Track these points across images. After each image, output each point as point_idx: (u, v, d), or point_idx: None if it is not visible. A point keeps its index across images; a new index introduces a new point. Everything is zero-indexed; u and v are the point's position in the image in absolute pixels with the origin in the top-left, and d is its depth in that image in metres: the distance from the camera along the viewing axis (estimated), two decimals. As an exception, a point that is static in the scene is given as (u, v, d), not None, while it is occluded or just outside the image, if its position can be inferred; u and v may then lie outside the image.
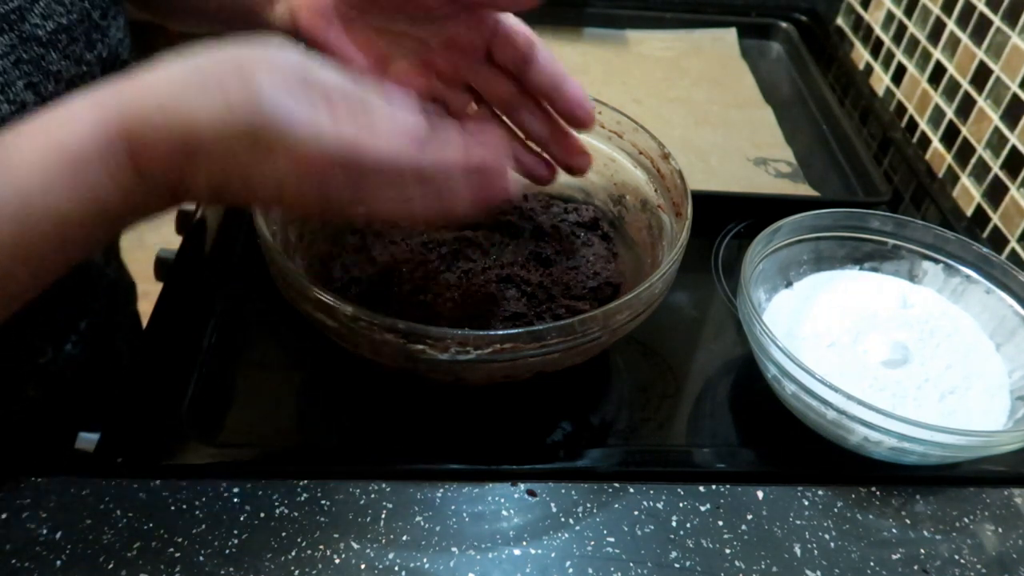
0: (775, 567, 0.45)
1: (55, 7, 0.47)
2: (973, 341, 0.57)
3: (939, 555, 0.47)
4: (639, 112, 0.62)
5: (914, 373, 0.54)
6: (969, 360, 0.55)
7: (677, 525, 0.47)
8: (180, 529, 0.44)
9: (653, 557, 0.45)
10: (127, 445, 0.49)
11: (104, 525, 0.44)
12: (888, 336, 0.55)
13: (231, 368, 0.55)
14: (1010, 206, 0.72)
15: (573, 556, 0.45)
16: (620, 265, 0.58)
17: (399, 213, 0.38)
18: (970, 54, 0.79)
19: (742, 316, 0.53)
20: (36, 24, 0.46)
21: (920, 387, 0.53)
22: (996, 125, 0.75)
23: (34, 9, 0.46)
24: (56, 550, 0.43)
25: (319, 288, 0.44)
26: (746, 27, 1.01)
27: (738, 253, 0.55)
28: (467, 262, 0.56)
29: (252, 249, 0.62)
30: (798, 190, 0.77)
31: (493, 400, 0.54)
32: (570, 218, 0.60)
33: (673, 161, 0.56)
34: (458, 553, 0.45)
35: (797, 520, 0.48)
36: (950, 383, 0.53)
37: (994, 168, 0.74)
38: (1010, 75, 0.73)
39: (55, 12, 0.47)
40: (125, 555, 0.43)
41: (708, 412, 0.55)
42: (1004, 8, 0.74)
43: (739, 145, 0.82)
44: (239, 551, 0.44)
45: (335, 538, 0.45)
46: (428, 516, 0.46)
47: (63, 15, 0.47)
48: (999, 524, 0.49)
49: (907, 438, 0.46)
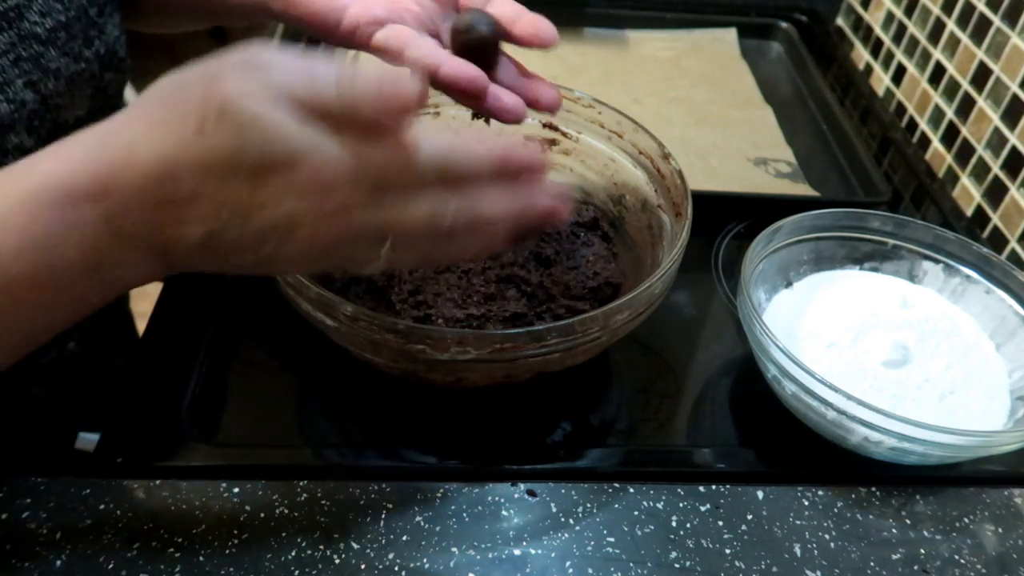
0: (775, 567, 0.45)
1: (53, 4, 0.47)
2: (973, 341, 0.57)
3: (939, 555, 0.47)
4: (639, 112, 0.62)
5: (914, 373, 0.54)
6: (969, 360, 0.55)
7: (677, 525, 0.47)
8: (180, 529, 0.44)
9: (653, 557, 0.45)
10: (127, 445, 0.49)
11: (104, 525, 0.44)
12: (888, 336, 0.55)
13: (231, 368, 0.55)
14: (1010, 206, 0.72)
15: (573, 556, 0.45)
16: (620, 265, 0.58)
17: (431, 256, 0.36)
18: (970, 54, 0.79)
19: (742, 316, 0.53)
20: (35, 22, 0.45)
21: (920, 387, 0.53)
22: (996, 125, 0.75)
23: (32, 7, 0.45)
24: (56, 550, 0.43)
25: (319, 288, 0.44)
26: (746, 27, 1.01)
27: (738, 253, 0.55)
28: (467, 262, 0.56)
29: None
30: (798, 190, 0.77)
31: (493, 400, 0.54)
32: (570, 218, 0.60)
33: (673, 161, 0.56)
34: (458, 553, 0.45)
35: (797, 520, 0.48)
36: (950, 383, 0.53)
37: (994, 168, 0.74)
38: (1010, 75, 0.73)
39: (53, 9, 0.47)
40: (125, 555, 0.43)
41: (708, 412, 0.55)
42: (1004, 8, 0.74)
43: (739, 145, 0.82)
44: (239, 551, 0.44)
45: (335, 538, 0.45)
46: (428, 516, 0.46)
47: (61, 12, 0.47)
48: (999, 524, 0.49)
49: (907, 438, 0.46)
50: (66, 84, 0.48)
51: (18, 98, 0.45)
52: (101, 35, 0.51)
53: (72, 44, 0.48)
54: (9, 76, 0.44)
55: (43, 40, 0.46)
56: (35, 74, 0.46)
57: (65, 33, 0.47)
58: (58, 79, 0.47)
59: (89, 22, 0.50)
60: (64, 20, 0.47)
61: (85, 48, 0.49)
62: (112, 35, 0.52)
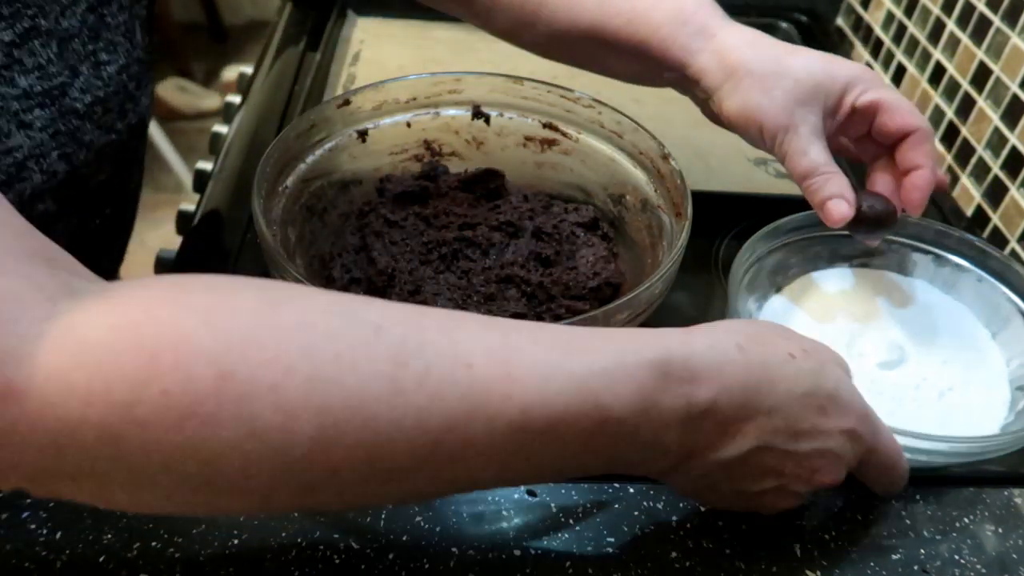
0: (775, 567, 0.45)
1: (94, 81, 0.47)
2: (969, 332, 0.56)
3: (939, 555, 0.47)
4: (639, 112, 0.62)
5: (911, 373, 0.53)
6: (966, 353, 0.55)
7: (677, 525, 0.47)
8: (180, 529, 0.44)
9: (653, 557, 0.45)
10: (127, 445, 0.49)
11: (104, 525, 0.44)
12: (883, 335, 0.55)
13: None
14: (1010, 206, 0.72)
15: (573, 556, 0.45)
16: (620, 265, 0.58)
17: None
18: (970, 54, 0.79)
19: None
20: (75, 98, 0.46)
21: (918, 387, 0.53)
22: (996, 125, 0.75)
23: (75, 84, 0.46)
24: (56, 550, 0.43)
25: (320, 287, 0.44)
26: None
27: (738, 253, 0.55)
28: (467, 262, 0.56)
29: (252, 249, 0.62)
30: (798, 190, 0.77)
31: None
32: (570, 218, 0.60)
33: (673, 161, 0.56)
34: (458, 553, 0.44)
35: (797, 520, 0.48)
36: (948, 380, 0.53)
37: (994, 168, 0.74)
38: (1010, 75, 0.73)
39: (93, 86, 0.47)
40: (125, 555, 0.43)
41: (708, 412, 0.55)
42: (1004, 8, 0.74)
43: (739, 145, 0.81)
44: (239, 551, 0.44)
45: (335, 538, 0.45)
46: (428, 516, 0.46)
47: (101, 88, 0.48)
48: (999, 524, 0.49)
49: (907, 449, 0.46)
50: (96, 154, 0.49)
51: (51, 169, 0.45)
52: (135, 107, 0.51)
53: (107, 117, 0.49)
54: (46, 149, 0.45)
55: (81, 115, 0.46)
56: (70, 147, 0.46)
57: (102, 107, 0.48)
58: (90, 150, 0.48)
59: (127, 96, 0.50)
60: (103, 95, 0.48)
61: (119, 120, 0.50)
62: (144, 105, 0.53)
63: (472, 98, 0.63)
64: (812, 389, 0.40)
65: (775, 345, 0.40)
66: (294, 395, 0.30)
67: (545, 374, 0.34)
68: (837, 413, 0.41)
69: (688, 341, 0.38)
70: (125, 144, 0.52)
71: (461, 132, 0.64)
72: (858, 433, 0.42)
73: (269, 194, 0.52)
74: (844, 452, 0.41)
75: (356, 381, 0.31)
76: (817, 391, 0.40)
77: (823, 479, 0.42)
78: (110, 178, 0.54)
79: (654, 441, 0.37)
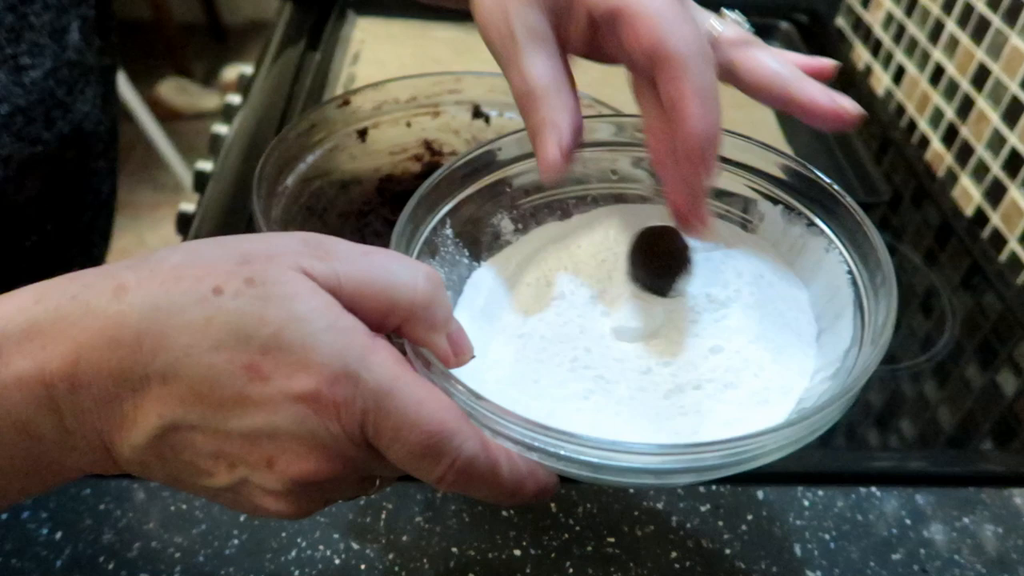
0: (775, 567, 0.45)
1: (13, 88, 0.43)
2: (783, 321, 0.38)
3: (939, 555, 0.47)
4: (639, 112, 0.61)
5: (655, 353, 0.37)
6: (758, 348, 0.37)
7: (677, 525, 0.47)
8: (180, 529, 0.44)
9: (653, 557, 0.45)
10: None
11: (104, 525, 0.44)
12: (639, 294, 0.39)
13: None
14: (1010, 206, 0.72)
15: (573, 556, 0.45)
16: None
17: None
18: (970, 54, 0.79)
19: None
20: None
21: (649, 371, 0.37)
22: (995, 125, 0.75)
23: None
24: (56, 550, 0.43)
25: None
26: (746, 27, 1.01)
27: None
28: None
29: (252, 249, 0.62)
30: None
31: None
32: (570, 218, 0.60)
33: (673, 161, 0.56)
34: (458, 553, 0.45)
35: (797, 520, 0.48)
36: (708, 375, 0.37)
37: (994, 168, 0.74)
38: (1010, 75, 0.73)
39: (12, 94, 0.43)
40: (125, 555, 0.43)
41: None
42: (1004, 8, 0.74)
43: (739, 145, 0.82)
44: (239, 551, 0.44)
45: (335, 538, 0.45)
46: (428, 516, 0.46)
47: (20, 96, 0.43)
48: (999, 524, 0.49)
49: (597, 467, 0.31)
50: (17, 169, 0.45)
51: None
52: (67, 115, 0.47)
53: (30, 128, 0.45)
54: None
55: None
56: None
57: (23, 117, 0.44)
58: (7, 165, 0.44)
59: (54, 103, 0.46)
60: (24, 104, 0.44)
61: (45, 130, 0.46)
62: (80, 112, 0.49)
63: (472, 98, 0.63)
64: (236, 338, 0.27)
65: (193, 278, 0.28)
66: None
67: None
68: (281, 371, 0.27)
69: (42, 296, 0.28)
70: (56, 156, 0.48)
71: (461, 132, 0.64)
72: (335, 401, 0.28)
73: (269, 194, 0.52)
74: (308, 429, 0.28)
75: None
76: (246, 341, 0.27)
77: (288, 470, 0.28)
78: (42, 193, 0.49)
79: (30, 431, 0.28)
